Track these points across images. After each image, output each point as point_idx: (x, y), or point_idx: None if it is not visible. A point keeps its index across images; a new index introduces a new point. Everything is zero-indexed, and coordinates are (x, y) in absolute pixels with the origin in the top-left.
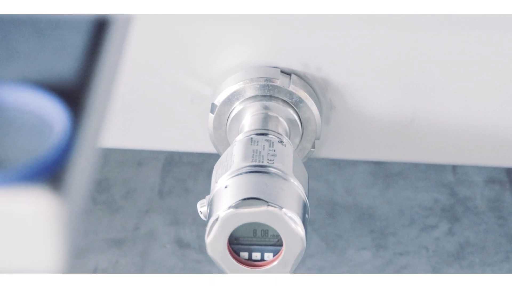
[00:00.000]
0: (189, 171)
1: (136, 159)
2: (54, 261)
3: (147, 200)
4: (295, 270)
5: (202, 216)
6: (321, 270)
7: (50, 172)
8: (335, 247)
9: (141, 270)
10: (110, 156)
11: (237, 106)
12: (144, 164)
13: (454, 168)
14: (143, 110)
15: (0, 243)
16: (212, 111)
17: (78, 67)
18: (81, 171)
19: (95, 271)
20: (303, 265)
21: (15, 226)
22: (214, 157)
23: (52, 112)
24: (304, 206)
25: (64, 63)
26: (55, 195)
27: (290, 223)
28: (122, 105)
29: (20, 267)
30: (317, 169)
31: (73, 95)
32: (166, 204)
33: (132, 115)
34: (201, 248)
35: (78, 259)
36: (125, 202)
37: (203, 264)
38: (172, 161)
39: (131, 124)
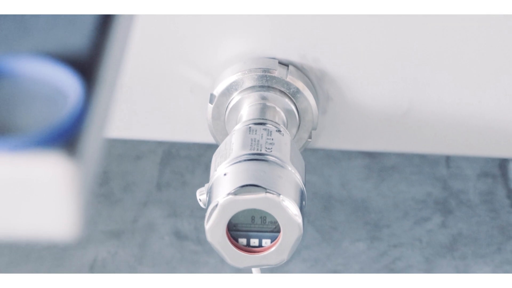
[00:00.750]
0: (187, 164)
1: (134, 153)
2: (68, 223)
3: (145, 192)
4: (294, 264)
5: (201, 204)
6: (316, 261)
7: (65, 137)
8: (330, 239)
9: (139, 261)
10: (109, 150)
11: (236, 97)
12: (142, 157)
13: (447, 162)
14: (144, 101)
15: (16, 205)
16: (211, 102)
17: (90, 40)
18: (94, 136)
19: (94, 261)
20: (299, 256)
21: (31, 188)
22: (211, 150)
23: (66, 82)
24: (301, 193)
25: (76, 37)
26: (70, 159)
27: (288, 210)
28: (123, 96)
29: (35, 229)
30: (313, 163)
31: (86, 66)
32: (164, 197)
33: (132, 106)
34: (199, 240)
35: (78, 250)
36: (124, 195)
37: (200, 255)
38: (170, 154)
39: (131, 115)
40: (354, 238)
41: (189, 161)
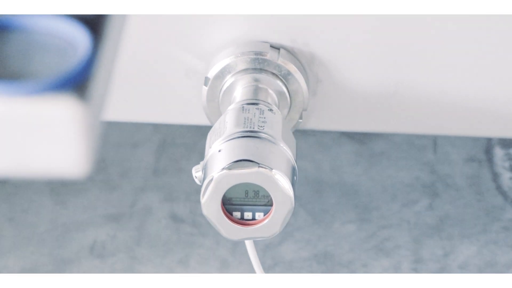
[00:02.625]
0: (182, 151)
1: (131, 140)
2: (78, 160)
3: (142, 178)
4: (286, 245)
5: (197, 181)
6: (308, 242)
7: (76, 82)
8: (322, 221)
9: (137, 243)
10: (106, 138)
11: (229, 79)
12: (139, 145)
13: (435, 147)
14: (140, 85)
15: (31, 144)
16: (205, 84)
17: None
18: (102, 82)
19: (94, 243)
20: (291, 237)
21: (45, 128)
22: (206, 138)
23: (75, 35)
24: (293, 169)
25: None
26: (80, 102)
27: (280, 184)
28: (119, 80)
29: (48, 167)
30: (304, 149)
31: (93, 21)
32: (161, 182)
33: (128, 90)
34: (194, 222)
35: (79, 233)
36: (122, 181)
37: (196, 236)
38: (166, 142)
39: (127, 98)
40: (345, 220)
41: (184, 149)
